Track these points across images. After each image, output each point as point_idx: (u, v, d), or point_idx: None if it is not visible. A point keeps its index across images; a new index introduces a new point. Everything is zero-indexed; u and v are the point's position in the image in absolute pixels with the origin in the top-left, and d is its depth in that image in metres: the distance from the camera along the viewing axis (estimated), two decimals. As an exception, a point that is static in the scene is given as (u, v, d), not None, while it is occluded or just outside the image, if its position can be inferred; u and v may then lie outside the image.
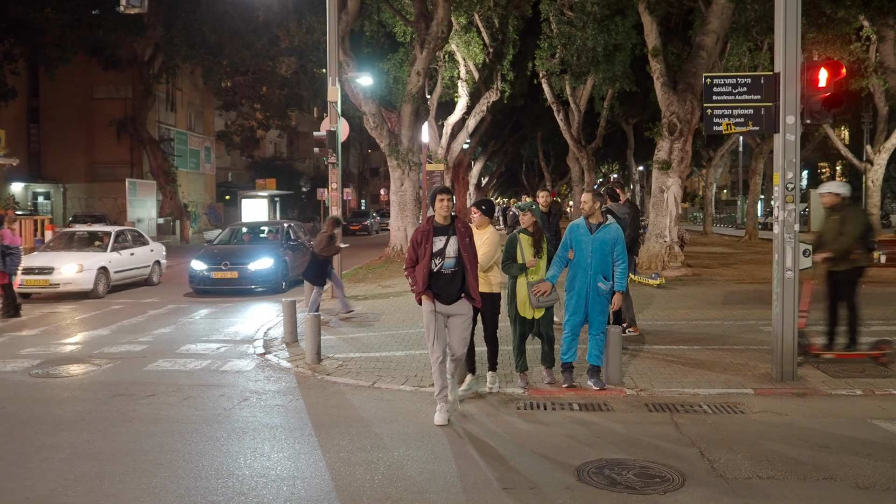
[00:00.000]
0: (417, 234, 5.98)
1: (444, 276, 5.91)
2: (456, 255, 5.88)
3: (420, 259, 5.94)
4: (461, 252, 5.88)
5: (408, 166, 20.70)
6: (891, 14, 15.92)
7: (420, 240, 5.95)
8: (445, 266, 5.89)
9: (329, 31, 14.08)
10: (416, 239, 5.97)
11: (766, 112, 7.06)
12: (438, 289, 5.94)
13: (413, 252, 5.99)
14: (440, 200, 5.92)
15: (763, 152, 30.02)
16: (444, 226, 5.93)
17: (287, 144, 56.74)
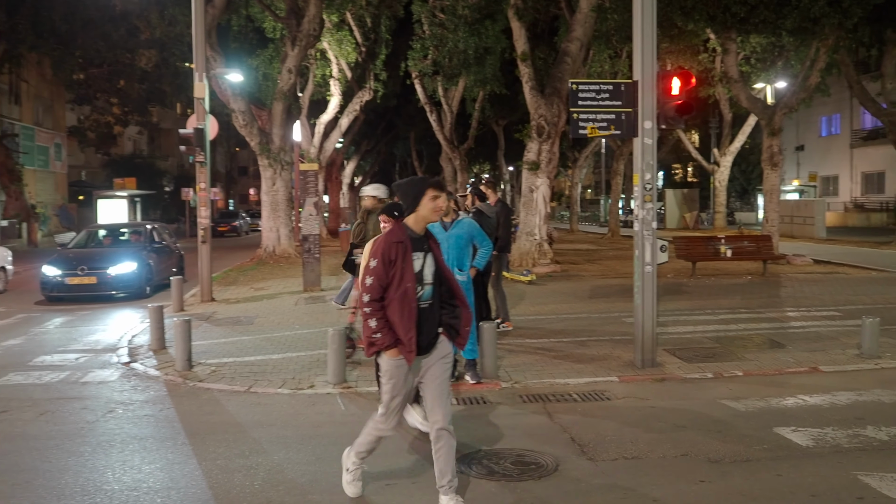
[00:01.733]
0: (388, 246, 4.00)
1: (422, 311, 4.10)
2: (433, 281, 4.14)
3: (393, 286, 4.00)
4: (440, 274, 4.18)
5: (279, 165, 20.28)
6: (733, 29, 17.33)
7: (394, 255, 4.00)
8: (424, 297, 4.11)
9: (195, 25, 13.54)
10: (386, 254, 3.99)
11: (627, 117, 7.52)
12: (418, 333, 4.07)
13: (382, 275, 3.98)
14: (433, 198, 4.10)
15: (623, 154, 31.78)
16: (420, 237, 4.12)
17: (148, 142, 53.90)
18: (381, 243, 4.01)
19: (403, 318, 3.97)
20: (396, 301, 3.97)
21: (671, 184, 51.57)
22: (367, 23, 27.11)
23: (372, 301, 3.98)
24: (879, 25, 19.97)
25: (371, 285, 3.97)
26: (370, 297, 3.97)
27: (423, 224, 4.11)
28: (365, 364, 7.95)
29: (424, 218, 4.10)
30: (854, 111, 39.91)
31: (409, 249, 3.99)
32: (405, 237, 4.02)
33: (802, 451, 5.17)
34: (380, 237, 4.10)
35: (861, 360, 7.79)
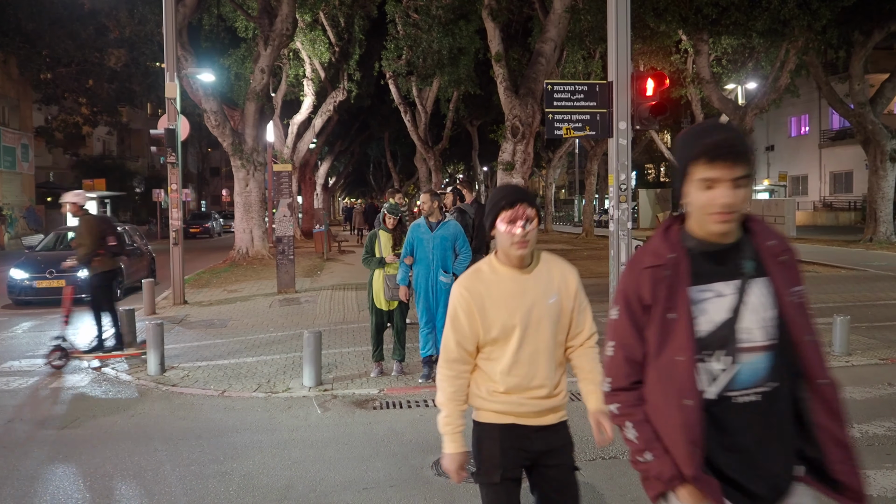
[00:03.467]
0: (639, 275, 1.98)
1: (738, 410, 1.91)
2: (769, 341, 1.92)
3: (655, 358, 1.98)
4: (788, 325, 1.93)
5: (253, 166, 20.08)
6: (705, 30, 17.53)
7: (652, 294, 1.97)
8: (741, 381, 1.90)
9: (165, 23, 13.35)
10: (634, 291, 2.00)
11: (602, 118, 7.56)
12: (729, 457, 1.92)
13: (629, 337, 2.02)
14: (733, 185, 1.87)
15: (597, 154, 31.98)
16: (728, 248, 1.96)
17: (118, 142, 53.12)
18: (626, 273, 2.00)
19: (681, 429, 1.90)
20: (658, 387, 1.96)
21: (644, 184, 52.07)
22: (340, 22, 26.98)
23: (618, 391, 2.03)
24: (847, 27, 20.33)
25: (613, 360, 2.02)
26: (612, 382, 2.04)
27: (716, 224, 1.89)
28: (341, 366, 7.90)
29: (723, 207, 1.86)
30: (822, 112, 40.61)
31: (683, 278, 1.91)
32: (679, 249, 1.93)
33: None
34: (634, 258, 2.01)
35: (833, 357, 7.90)
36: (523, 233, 2.53)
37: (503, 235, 2.53)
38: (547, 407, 2.63)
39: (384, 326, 7.44)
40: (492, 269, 2.63)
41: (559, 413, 2.69)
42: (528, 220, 2.53)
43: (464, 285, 2.60)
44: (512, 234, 2.52)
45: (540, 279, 2.61)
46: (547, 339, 2.59)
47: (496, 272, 2.61)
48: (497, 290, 2.57)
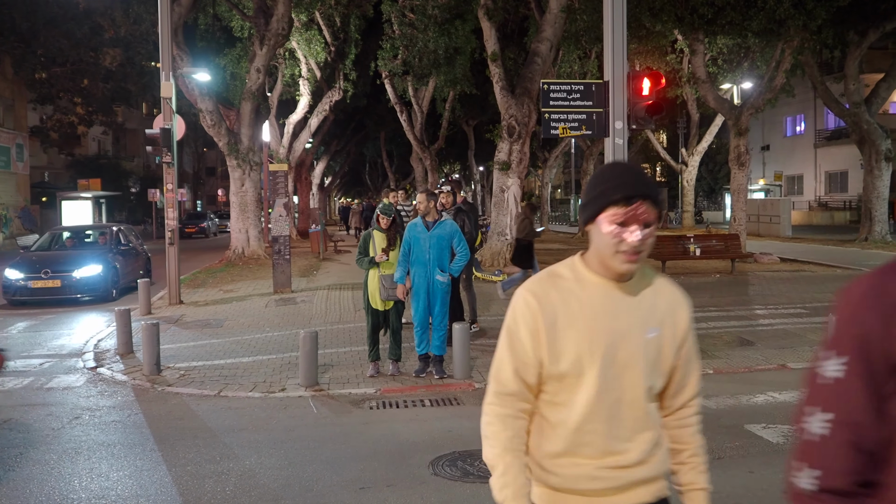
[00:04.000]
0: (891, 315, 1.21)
1: None
2: None
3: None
4: None
5: (248, 166, 20.05)
6: (700, 30, 17.55)
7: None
8: None
9: (161, 23, 13.32)
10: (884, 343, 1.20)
11: (598, 117, 7.57)
12: None
13: (864, 410, 1.20)
14: None
15: (593, 154, 32.00)
16: None
17: (113, 142, 52.97)
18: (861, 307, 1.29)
19: None
20: None
21: (640, 183, 52.04)
22: (336, 22, 26.95)
23: (830, 494, 1.22)
24: (842, 27, 20.38)
25: (829, 443, 1.24)
26: (820, 478, 1.24)
27: None
28: (337, 366, 7.89)
29: None
30: (818, 112, 40.71)
31: None
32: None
33: (773, 447, 5.23)
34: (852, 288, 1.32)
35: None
36: (639, 242, 1.74)
37: (606, 239, 1.77)
38: (635, 479, 1.83)
39: (380, 326, 7.43)
40: (575, 275, 1.87)
41: (653, 487, 1.88)
42: (647, 223, 1.76)
43: (532, 291, 1.85)
44: (621, 239, 1.75)
45: (641, 302, 1.86)
46: (637, 386, 1.83)
47: (581, 280, 1.85)
48: (578, 304, 1.82)
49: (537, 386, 1.87)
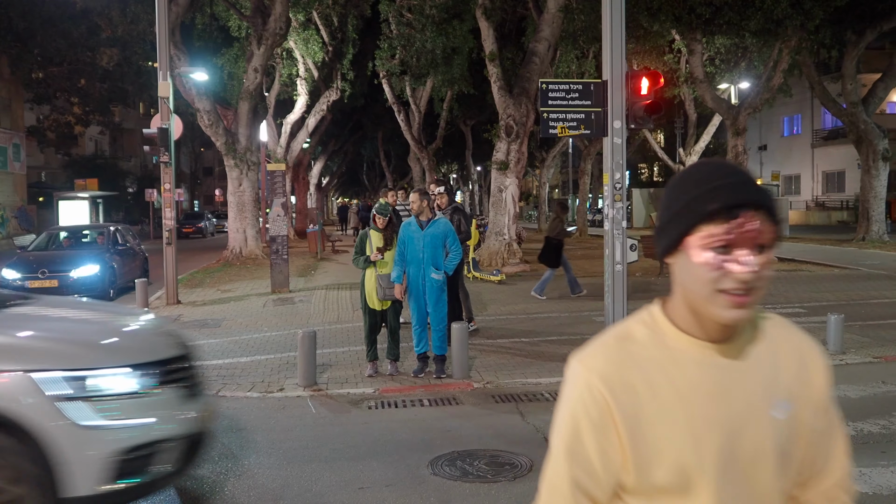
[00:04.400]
0: None
1: None
2: None
3: None
4: None
5: (246, 166, 20.03)
6: (698, 30, 17.56)
7: None
8: None
9: (158, 22, 13.29)
10: None
11: (597, 117, 7.56)
12: None
13: None
14: None
15: (591, 154, 32.00)
16: None
17: (110, 142, 52.90)
18: None
19: None
20: None
21: (638, 183, 52.16)
22: (333, 22, 26.92)
23: None
24: (840, 27, 20.41)
25: None
26: None
27: None
28: (336, 365, 7.88)
29: None
30: (815, 111, 40.78)
31: None
32: None
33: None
34: None
35: (827, 356, 7.91)
36: (752, 274, 1.19)
37: (700, 273, 1.21)
38: None
39: (378, 326, 7.43)
40: (656, 337, 1.29)
41: None
42: (763, 245, 1.20)
43: (596, 369, 1.26)
44: (724, 272, 1.19)
45: (758, 367, 1.29)
46: (769, 491, 1.27)
47: (666, 343, 1.28)
48: (669, 383, 1.25)
49: None
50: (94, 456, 3.40)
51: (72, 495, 3.33)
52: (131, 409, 3.57)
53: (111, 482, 3.43)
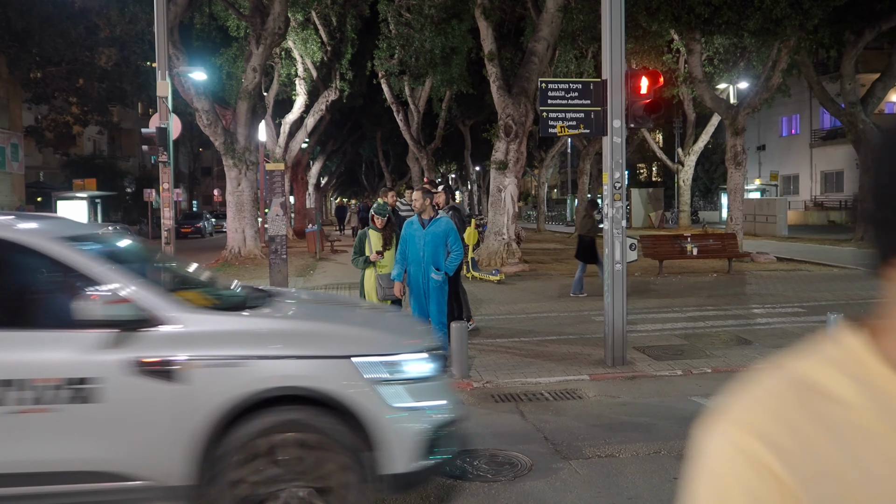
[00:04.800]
0: None
1: None
2: None
3: None
4: None
5: (245, 165, 20.01)
6: (697, 29, 17.56)
7: None
8: None
9: (157, 22, 13.27)
10: None
11: (596, 116, 7.55)
12: None
13: None
14: None
15: (590, 154, 32.02)
16: None
17: (108, 142, 52.84)
18: None
19: None
20: None
21: (636, 183, 52.18)
22: (332, 22, 26.91)
23: None
24: (839, 27, 20.42)
25: None
26: None
27: None
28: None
29: None
30: (813, 111, 40.79)
31: None
32: None
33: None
34: None
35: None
36: None
37: None
38: None
39: None
40: (866, 391, 0.79)
41: None
42: None
43: (762, 434, 0.78)
44: None
45: None
46: None
47: (884, 402, 0.78)
48: (881, 458, 0.75)
49: None
50: (408, 435, 3.69)
51: (390, 472, 3.63)
52: (429, 392, 3.85)
53: (422, 459, 3.72)
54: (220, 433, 3.48)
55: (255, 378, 3.53)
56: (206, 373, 3.48)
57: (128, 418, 3.47)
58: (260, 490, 3.49)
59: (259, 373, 3.55)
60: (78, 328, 3.45)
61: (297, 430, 3.57)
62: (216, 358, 3.51)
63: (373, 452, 3.59)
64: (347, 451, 3.58)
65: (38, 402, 3.36)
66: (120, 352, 3.44)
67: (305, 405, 3.60)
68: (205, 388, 3.46)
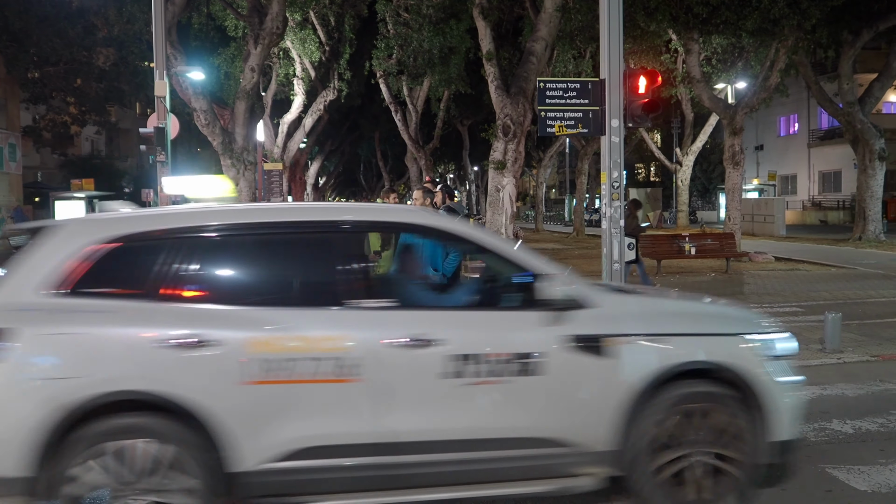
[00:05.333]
0: None
1: None
2: None
3: None
4: None
5: (243, 165, 19.98)
6: (695, 29, 17.57)
7: None
8: None
9: (155, 22, 13.27)
10: None
11: (594, 115, 7.55)
12: None
13: None
14: None
15: (588, 154, 32.04)
16: None
17: (106, 142, 52.81)
18: None
19: None
20: None
21: (634, 183, 52.25)
22: (330, 22, 26.88)
23: None
24: (836, 27, 20.44)
25: None
26: None
27: None
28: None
29: None
30: (811, 111, 40.86)
31: None
32: None
33: (771, 445, 5.21)
34: None
35: (824, 354, 7.91)
36: None
37: None
38: None
39: None
40: None
41: None
42: None
43: None
44: None
45: None
46: None
47: None
48: None
49: None
50: (789, 406, 4.16)
51: (778, 440, 4.07)
52: (792, 369, 4.26)
53: (795, 430, 4.25)
54: (641, 403, 3.85)
55: (670, 354, 3.94)
56: (631, 348, 3.88)
57: (564, 390, 3.83)
58: (670, 455, 3.91)
59: (674, 349, 3.97)
60: (524, 309, 3.89)
61: (705, 401, 3.99)
62: (639, 335, 3.92)
63: (765, 422, 4.01)
64: (745, 421, 3.99)
65: (492, 375, 3.71)
66: (559, 329, 3.81)
67: (708, 378, 4.01)
68: (629, 363, 3.86)
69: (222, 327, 3.56)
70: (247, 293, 3.83)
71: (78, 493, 3.35)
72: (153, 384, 3.45)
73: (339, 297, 3.76)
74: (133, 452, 3.41)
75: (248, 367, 3.51)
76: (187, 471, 3.44)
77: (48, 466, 3.33)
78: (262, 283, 3.93)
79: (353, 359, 3.60)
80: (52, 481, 3.34)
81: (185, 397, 3.44)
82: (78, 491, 3.35)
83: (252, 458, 3.50)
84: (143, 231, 3.79)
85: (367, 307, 3.75)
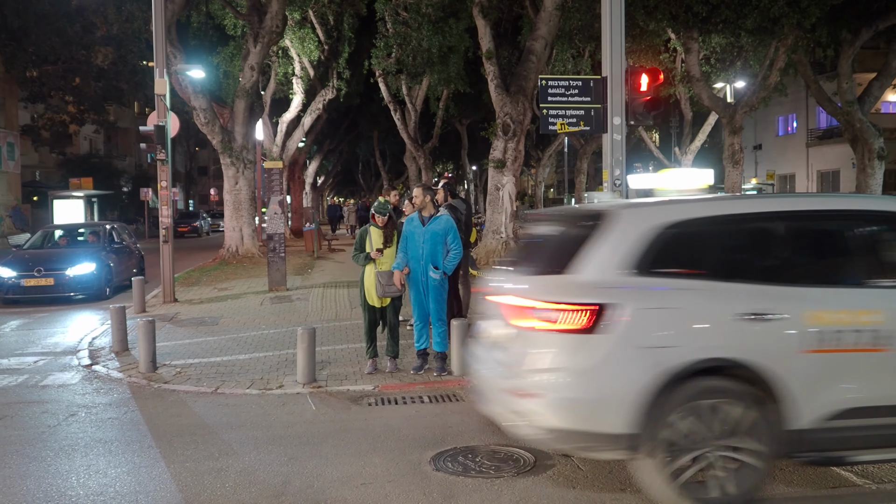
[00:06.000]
0: None
1: None
2: None
3: None
4: None
5: (242, 164, 19.96)
6: (695, 28, 17.57)
7: None
8: None
9: (155, 20, 13.24)
10: None
11: (596, 113, 7.56)
12: None
13: None
14: None
15: (587, 153, 32.03)
16: None
17: (105, 141, 52.72)
18: None
19: None
20: None
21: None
22: (329, 20, 26.85)
23: None
24: (836, 26, 20.44)
25: None
26: None
27: None
28: (335, 363, 7.86)
29: None
30: (810, 111, 40.87)
31: None
32: None
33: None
34: None
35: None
36: None
37: None
38: None
39: (377, 323, 7.41)
40: None
41: None
42: None
43: None
44: None
45: None
46: None
47: None
48: None
49: None
50: None
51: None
52: None
53: None
54: None
55: None
56: None
57: None
58: None
59: None
60: None
61: None
62: None
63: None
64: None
65: None
66: None
67: None
68: None
69: (784, 303, 4.05)
70: (796, 274, 4.34)
71: (671, 438, 3.92)
72: (733, 352, 3.98)
73: (869, 277, 4.29)
74: (718, 410, 3.95)
75: (806, 338, 4.02)
76: (756, 428, 3.96)
77: (650, 422, 3.87)
78: (805, 265, 4.45)
79: (888, 331, 4.06)
80: (653, 427, 3.88)
81: (758, 363, 3.96)
82: (672, 437, 3.92)
83: (806, 417, 3.99)
84: (692, 217, 4.31)
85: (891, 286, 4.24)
